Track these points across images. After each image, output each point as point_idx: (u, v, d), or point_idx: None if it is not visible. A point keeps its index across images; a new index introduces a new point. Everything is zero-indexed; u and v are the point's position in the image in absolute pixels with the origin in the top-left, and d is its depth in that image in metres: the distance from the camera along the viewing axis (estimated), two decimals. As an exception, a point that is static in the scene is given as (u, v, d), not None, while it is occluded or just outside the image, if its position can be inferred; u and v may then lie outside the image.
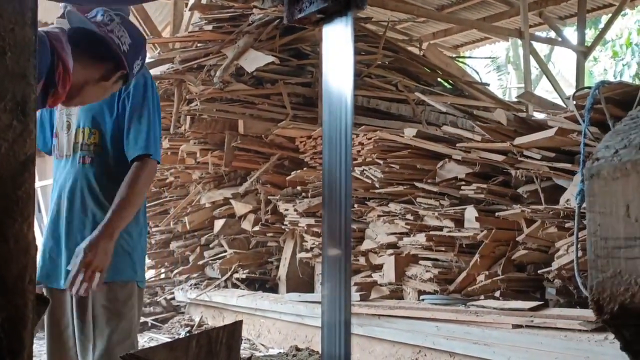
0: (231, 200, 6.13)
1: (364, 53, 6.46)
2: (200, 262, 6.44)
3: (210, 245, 6.43)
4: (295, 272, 5.74)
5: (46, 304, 1.05)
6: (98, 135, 2.41)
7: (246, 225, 6.06)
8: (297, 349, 4.90)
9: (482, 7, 9.30)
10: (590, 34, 11.34)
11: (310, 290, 5.63)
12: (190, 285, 6.40)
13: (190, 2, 6.68)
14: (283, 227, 5.75)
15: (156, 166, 2.42)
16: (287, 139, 5.94)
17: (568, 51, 10.35)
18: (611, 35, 15.24)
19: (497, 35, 9.78)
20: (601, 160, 0.77)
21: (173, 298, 6.58)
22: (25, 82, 0.83)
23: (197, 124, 5.98)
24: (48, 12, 3.19)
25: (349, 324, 1.21)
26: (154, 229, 6.71)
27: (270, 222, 5.89)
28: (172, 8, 7.86)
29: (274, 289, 5.95)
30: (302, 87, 6.21)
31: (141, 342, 5.02)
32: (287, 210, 5.56)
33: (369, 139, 4.90)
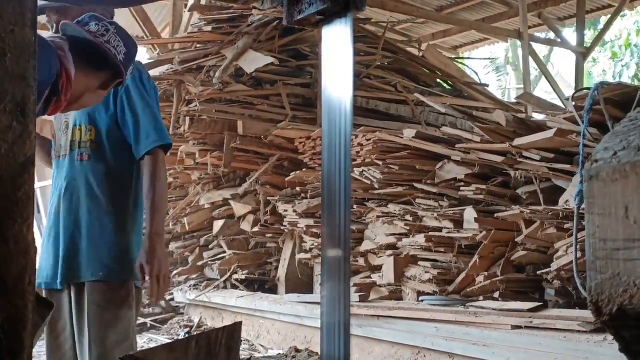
0: (230, 201, 6.13)
1: (363, 54, 6.46)
2: (200, 263, 6.44)
3: (210, 246, 6.43)
4: (294, 273, 5.74)
5: (50, 308, 1.04)
6: (94, 132, 2.42)
7: (245, 226, 6.06)
8: (296, 350, 4.89)
9: (481, 8, 9.30)
10: (589, 35, 11.34)
11: (310, 291, 5.63)
12: (190, 286, 6.40)
13: (190, 3, 6.69)
14: (282, 228, 5.75)
15: (165, 155, 2.46)
16: (287, 140, 5.94)
17: (567, 52, 10.35)
18: (610, 36, 15.25)
19: (496, 36, 9.79)
20: (600, 162, 0.77)
21: (172, 299, 6.58)
22: (25, 83, 0.83)
23: (196, 124, 5.99)
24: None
25: (349, 325, 1.22)
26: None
27: (269, 223, 5.90)
28: (171, 9, 7.86)
29: (273, 290, 5.95)
30: (301, 88, 6.21)
31: (140, 343, 5.02)
32: (286, 211, 5.56)
33: (368, 140, 4.90)
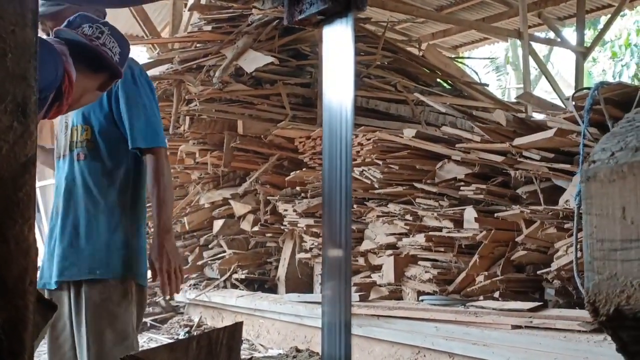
0: (230, 201, 6.13)
1: (363, 53, 6.46)
2: (200, 262, 6.44)
3: (210, 246, 6.43)
4: (294, 272, 5.74)
5: (53, 309, 1.04)
6: (90, 131, 2.43)
7: (245, 225, 6.06)
8: (297, 350, 4.89)
9: (481, 7, 9.30)
10: (589, 34, 11.34)
11: (310, 290, 5.63)
12: (190, 285, 6.40)
13: (190, 3, 6.69)
14: (282, 227, 5.75)
15: (166, 151, 2.48)
16: (286, 140, 5.94)
17: (567, 52, 10.35)
18: (610, 36, 15.25)
19: (496, 36, 9.78)
20: (598, 162, 0.77)
21: (172, 298, 6.58)
22: (26, 83, 0.83)
23: (196, 124, 5.99)
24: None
25: (350, 326, 1.21)
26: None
27: (269, 223, 5.89)
28: (171, 8, 7.86)
29: (273, 290, 5.95)
30: (301, 87, 6.21)
31: (140, 343, 5.01)
32: (286, 210, 5.56)
33: (368, 140, 4.90)
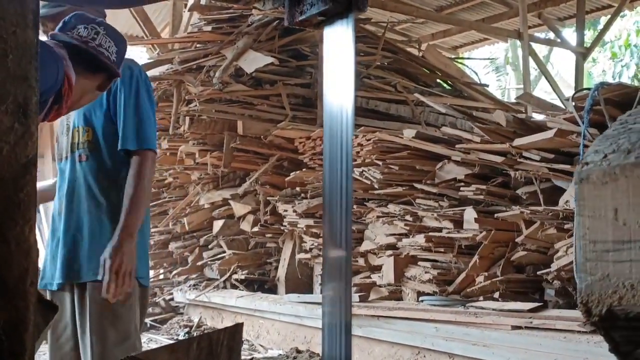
0: (230, 201, 6.13)
1: (363, 54, 6.46)
2: (199, 262, 6.44)
3: (209, 246, 6.43)
4: (294, 272, 5.74)
5: (55, 311, 1.04)
6: (91, 132, 2.42)
7: (245, 226, 6.06)
8: (297, 350, 4.89)
9: (481, 8, 9.30)
10: (589, 35, 11.34)
11: (309, 291, 5.63)
12: (189, 286, 6.40)
13: (190, 3, 6.69)
14: (282, 228, 5.75)
15: (155, 156, 2.42)
16: (286, 140, 5.94)
17: (567, 52, 10.35)
18: (610, 37, 15.24)
19: (496, 36, 9.79)
20: (590, 164, 0.78)
21: (172, 299, 6.58)
22: (27, 84, 0.83)
23: (196, 124, 5.99)
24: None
25: (350, 326, 1.21)
26: (152, 230, 6.70)
27: (269, 223, 5.89)
28: (171, 9, 7.86)
29: (272, 290, 5.95)
30: (301, 88, 6.21)
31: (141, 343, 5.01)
32: (286, 211, 5.56)
33: (368, 140, 4.90)
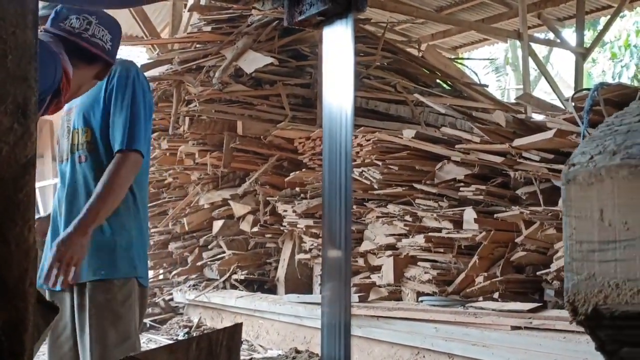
0: (230, 201, 6.13)
1: (362, 54, 6.46)
2: (199, 263, 6.44)
3: (209, 246, 6.43)
4: (293, 273, 5.74)
5: (55, 312, 1.04)
6: (90, 133, 2.41)
7: (245, 226, 6.06)
8: (296, 351, 4.89)
9: (480, 8, 9.30)
10: (588, 35, 11.35)
11: (309, 291, 5.63)
12: (189, 286, 6.40)
13: (189, 3, 6.69)
14: (282, 228, 5.75)
15: (139, 159, 2.34)
16: (286, 140, 5.94)
17: (567, 52, 10.35)
18: (610, 37, 15.24)
19: (495, 37, 9.78)
20: (577, 166, 0.79)
21: (171, 299, 6.58)
22: (27, 84, 0.83)
23: (196, 125, 5.99)
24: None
25: (349, 327, 1.21)
26: (152, 230, 6.70)
27: (268, 223, 5.90)
28: (171, 9, 7.86)
29: (272, 290, 5.95)
30: (300, 88, 6.21)
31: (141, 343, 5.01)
32: (285, 211, 5.56)
33: (368, 140, 4.90)
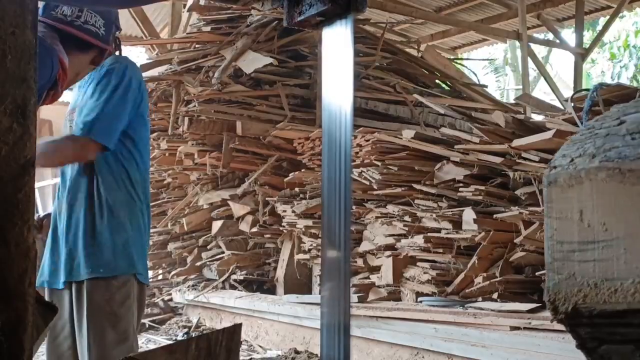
0: (229, 202, 6.13)
1: (362, 54, 6.46)
2: (198, 263, 6.43)
3: (208, 247, 6.43)
4: (293, 273, 5.74)
5: (54, 312, 1.04)
6: None
7: (244, 226, 6.06)
8: (295, 351, 4.89)
9: (480, 8, 9.31)
10: (588, 36, 11.36)
11: (308, 291, 5.63)
12: (188, 286, 6.39)
13: (189, 3, 6.69)
14: (281, 228, 5.75)
15: (94, 148, 2.28)
16: (285, 141, 5.94)
17: (566, 53, 10.36)
18: (609, 37, 15.27)
19: (495, 37, 9.80)
20: (558, 168, 0.81)
21: (171, 299, 6.57)
22: (26, 85, 0.83)
23: (195, 125, 5.99)
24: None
25: (349, 327, 1.21)
26: (152, 230, 6.68)
27: (268, 224, 5.89)
28: (170, 9, 7.86)
29: (271, 291, 5.95)
30: (300, 88, 6.21)
31: (139, 344, 5.01)
32: (285, 211, 5.56)
33: (367, 141, 4.90)
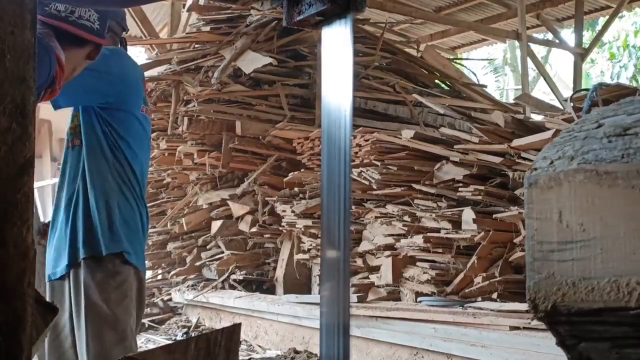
0: (228, 202, 6.12)
1: (361, 54, 6.46)
2: (198, 263, 6.43)
3: (208, 247, 6.43)
4: (292, 273, 5.74)
5: (54, 312, 1.04)
6: (78, 117, 2.40)
7: (243, 226, 6.06)
8: (295, 351, 4.89)
9: (479, 8, 9.30)
10: (587, 35, 11.38)
11: (308, 291, 5.63)
12: (188, 286, 6.39)
13: (188, 3, 6.69)
14: (280, 228, 5.75)
15: (49, 97, 2.12)
16: (285, 140, 5.94)
17: (565, 53, 10.36)
18: (608, 37, 15.26)
19: (494, 37, 9.79)
20: (538, 170, 0.83)
21: (170, 299, 6.57)
22: (25, 85, 0.83)
23: (194, 125, 5.99)
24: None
25: (348, 327, 1.21)
26: (151, 230, 6.69)
27: (267, 224, 5.89)
28: (169, 9, 7.85)
29: (271, 290, 5.95)
30: (299, 88, 6.21)
31: (138, 344, 5.00)
32: (284, 211, 5.56)
33: (367, 141, 4.90)
